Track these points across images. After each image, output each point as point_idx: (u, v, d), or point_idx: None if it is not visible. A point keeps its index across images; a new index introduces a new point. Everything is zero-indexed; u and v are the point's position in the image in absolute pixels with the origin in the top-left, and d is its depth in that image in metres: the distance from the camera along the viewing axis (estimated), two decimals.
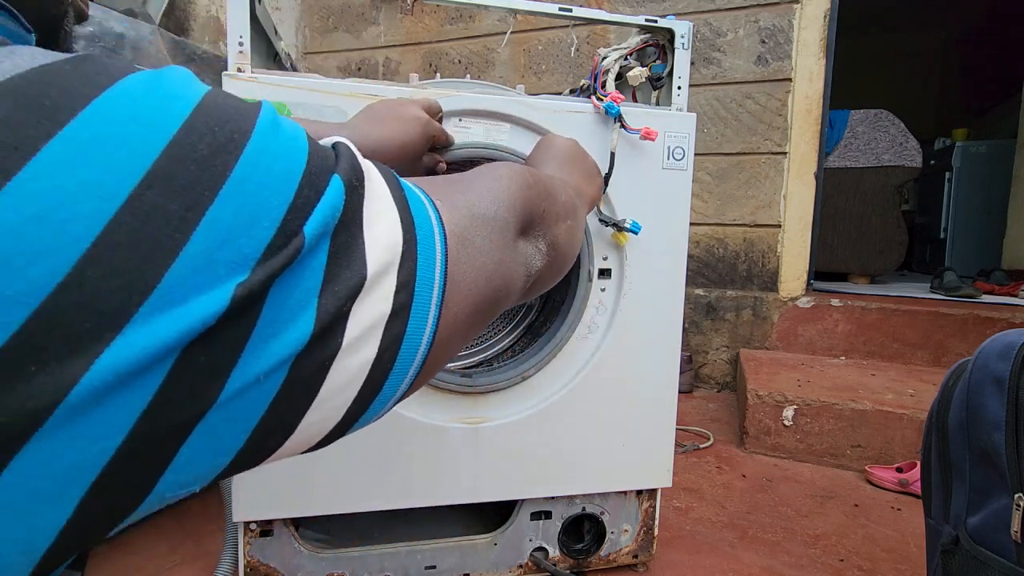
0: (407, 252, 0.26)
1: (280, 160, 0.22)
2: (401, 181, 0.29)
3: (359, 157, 0.27)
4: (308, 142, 0.24)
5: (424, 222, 0.28)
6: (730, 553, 1.11)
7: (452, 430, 0.88)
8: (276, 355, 0.21)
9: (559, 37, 2.37)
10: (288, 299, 0.21)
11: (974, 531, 0.63)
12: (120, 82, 0.19)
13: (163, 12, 1.45)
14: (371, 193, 0.26)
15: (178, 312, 0.18)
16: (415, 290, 0.26)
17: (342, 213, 0.23)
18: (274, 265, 0.20)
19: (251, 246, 0.20)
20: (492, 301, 0.33)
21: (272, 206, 0.21)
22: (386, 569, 0.91)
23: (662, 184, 0.92)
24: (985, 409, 0.63)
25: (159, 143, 0.19)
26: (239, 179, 0.20)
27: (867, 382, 1.73)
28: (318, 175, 0.23)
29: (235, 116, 0.21)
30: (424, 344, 0.28)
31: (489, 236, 0.33)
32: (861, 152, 2.57)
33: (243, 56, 0.76)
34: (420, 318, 0.27)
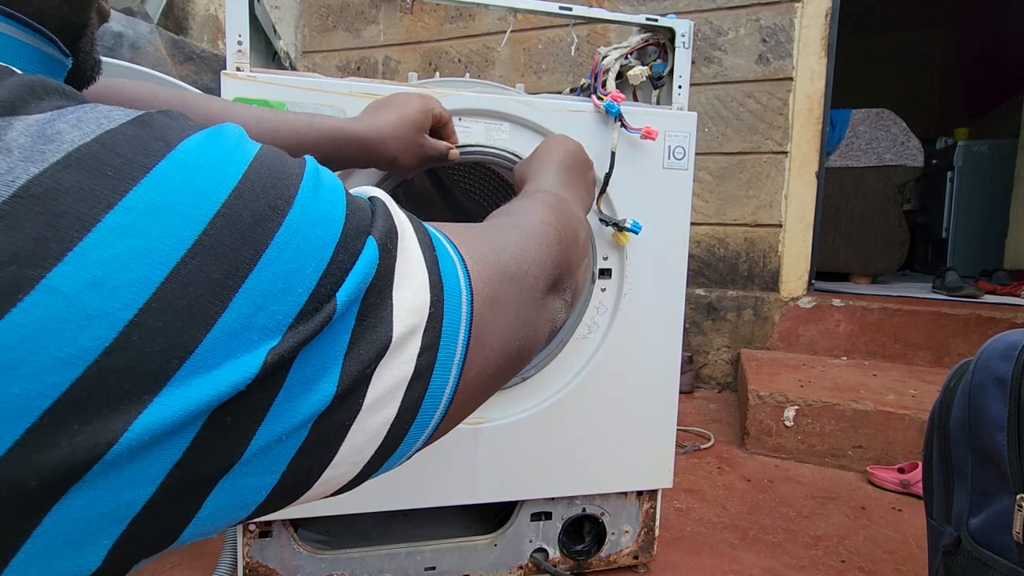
0: (433, 314, 0.26)
1: (318, 226, 0.22)
2: (433, 236, 0.29)
3: (394, 213, 0.27)
4: (346, 203, 0.24)
5: (453, 283, 0.28)
6: (731, 554, 1.11)
7: (452, 430, 0.88)
8: (299, 416, 0.22)
9: (559, 36, 2.37)
10: (314, 363, 0.22)
11: (976, 532, 0.63)
12: (176, 150, 0.20)
13: (162, 11, 1.45)
14: (403, 253, 0.26)
15: (212, 376, 0.19)
16: (439, 353, 0.27)
17: (374, 276, 0.24)
18: (305, 331, 0.21)
19: (284, 311, 0.21)
20: (515, 359, 0.33)
21: (307, 273, 0.21)
22: (385, 570, 0.91)
23: (663, 184, 0.92)
24: (987, 410, 0.62)
25: (208, 212, 0.20)
26: (278, 246, 0.21)
27: (868, 382, 1.73)
28: (354, 237, 0.23)
29: (279, 182, 0.22)
30: (443, 404, 0.28)
31: (519, 297, 0.33)
32: (862, 151, 2.57)
33: (242, 55, 0.76)
34: (441, 380, 0.27)
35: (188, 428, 0.19)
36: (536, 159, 0.59)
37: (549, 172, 0.56)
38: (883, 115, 2.55)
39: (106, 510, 0.18)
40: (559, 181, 0.55)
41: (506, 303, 0.31)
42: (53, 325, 0.17)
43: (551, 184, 0.53)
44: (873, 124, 2.56)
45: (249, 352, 0.20)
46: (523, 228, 0.37)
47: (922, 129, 2.82)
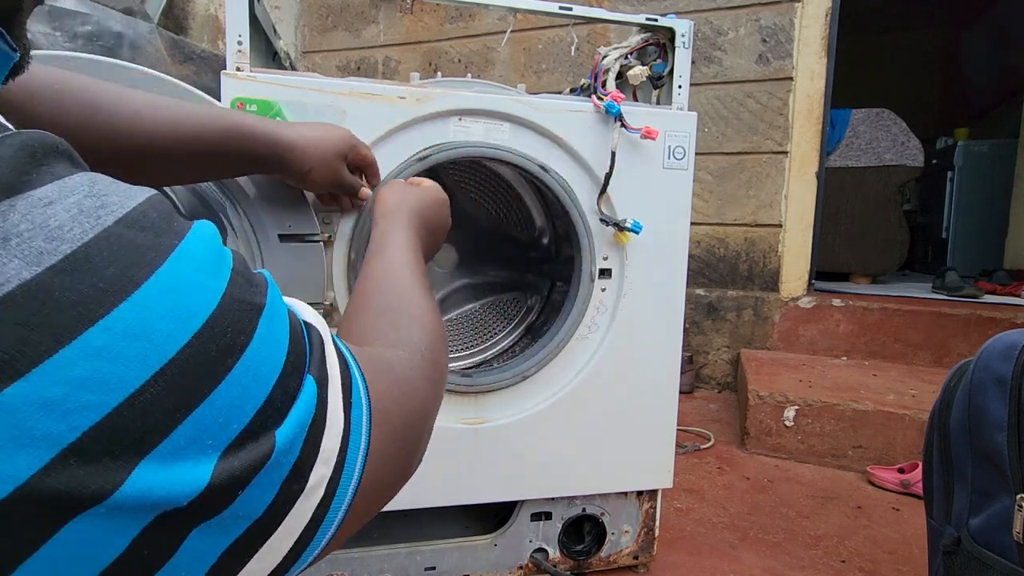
0: (338, 465, 0.28)
1: (266, 365, 0.24)
2: (353, 376, 0.30)
3: (328, 352, 0.29)
4: (289, 338, 0.26)
5: (356, 435, 0.29)
6: (731, 554, 1.11)
7: (452, 430, 0.88)
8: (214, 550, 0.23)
9: (559, 36, 2.36)
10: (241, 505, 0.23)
11: (976, 532, 0.63)
12: (164, 266, 0.21)
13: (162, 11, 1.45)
14: (333, 398, 0.28)
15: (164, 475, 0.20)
16: (330, 505, 0.28)
17: (311, 423, 0.25)
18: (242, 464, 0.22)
19: (223, 438, 0.22)
20: (387, 500, 0.35)
21: (251, 406, 0.23)
22: (386, 570, 0.91)
23: (663, 184, 0.92)
24: (987, 410, 0.62)
25: (180, 341, 0.21)
26: (230, 383, 0.22)
27: (868, 382, 1.73)
28: (291, 376, 0.25)
29: (245, 314, 0.23)
30: (321, 544, 0.29)
31: (403, 451, 0.35)
32: (862, 151, 2.57)
33: (242, 55, 0.76)
34: (324, 529, 0.28)
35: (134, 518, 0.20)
36: (397, 193, 0.61)
37: (403, 228, 0.57)
38: (883, 115, 2.55)
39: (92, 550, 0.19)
40: (413, 238, 0.56)
41: (393, 453, 0.33)
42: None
43: (407, 241, 0.54)
44: (873, 124, 2.56)
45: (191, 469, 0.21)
46: (417, 367, 0.39)
47: (922, 129, 2.82)
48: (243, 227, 0.71)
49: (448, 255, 1.17)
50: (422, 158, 0.82)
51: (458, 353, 1.16)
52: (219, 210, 0.71)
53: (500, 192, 1.16)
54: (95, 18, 0.95)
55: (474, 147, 0.84)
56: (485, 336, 1.19)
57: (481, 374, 0.92)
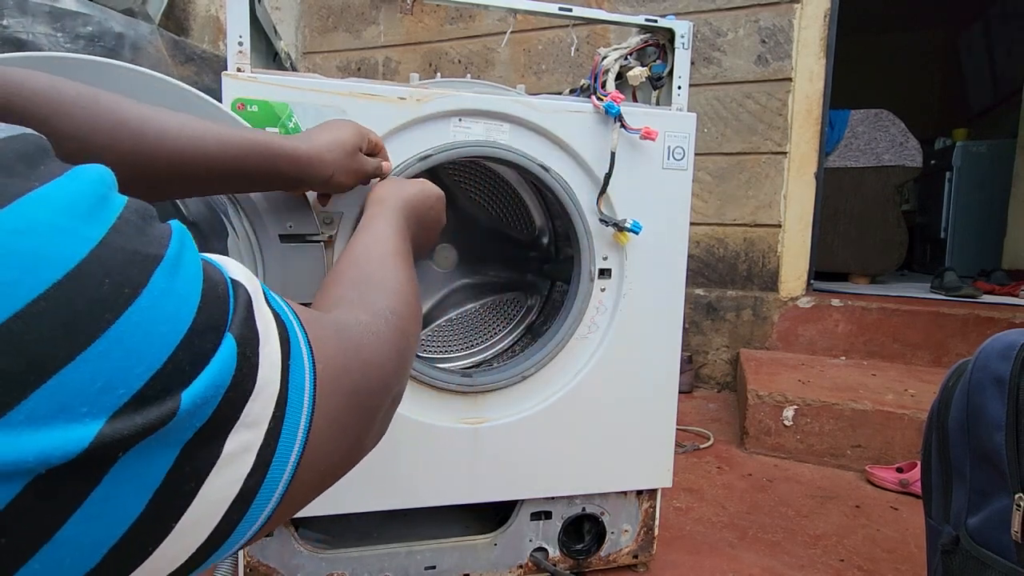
0: (271, 431, 0.25)
1: (167, 311, 0.21)
2: (291, 331, 0.28)
3: (257, 310, 0.26)
4: (204, 288, 0.23)
5: (297, 396, 0.27)
6: (730, 553, 1.11)
7: (452, 430, 0.88)
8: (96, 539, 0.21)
9: (559, 37, 2.37)
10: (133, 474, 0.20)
11: (974, 531, 0.63)
12: (10, 207, 0.18)
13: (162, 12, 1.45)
14: (264, 361, 0.25)
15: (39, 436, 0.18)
16: (266, 475, 0.26)
17: (230, 385, 0.23)
18: (135, 426, 0.20)
19: (106, 401, 0.19)
20: (339, 473, 0.33)
21: (142, 368, 0.20)
22: (386, 569, 0.91)
23: (662, 184, 0.92)
24: (985, 409, 0.63)
25: (27, 294, 0.18)
26: (109, 340, 0.19)
27: (867, 382, 1.73)
28: (204, 333, 0.22)
29: (130, 266, 0.21)
30: (259, 523, 0.27)
31: (359, 418, 0.33)
32: (861, 152, 2.57)
33: (243, 56, 0.76)
34: (261, 503, 0.26)
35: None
36: (389, 186, 0.62)
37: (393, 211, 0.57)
38: (882, 116, 2.55)
39: None
40: (402, 221, 0.57)
41: (348, 422, 0.31)
42: None
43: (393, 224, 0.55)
44: (872, 125, 2.56)
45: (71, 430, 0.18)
46: (378, 332, 0.37)
47: (921, 130, 2.83)
48: (244, 228, 0.71)
49: (448, 255, 1.17)
50: (423, 158, 0.82)
51: (458, 353, 1.17)
52: (220, 211, 0.71)
53: (500, 192, 1.16)
54: (96, 19, 0.95)
55: (474, 147, 0.84)
56: (485, 336, 1.19)
57: (481, 374, 0.92)
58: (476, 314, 1.20)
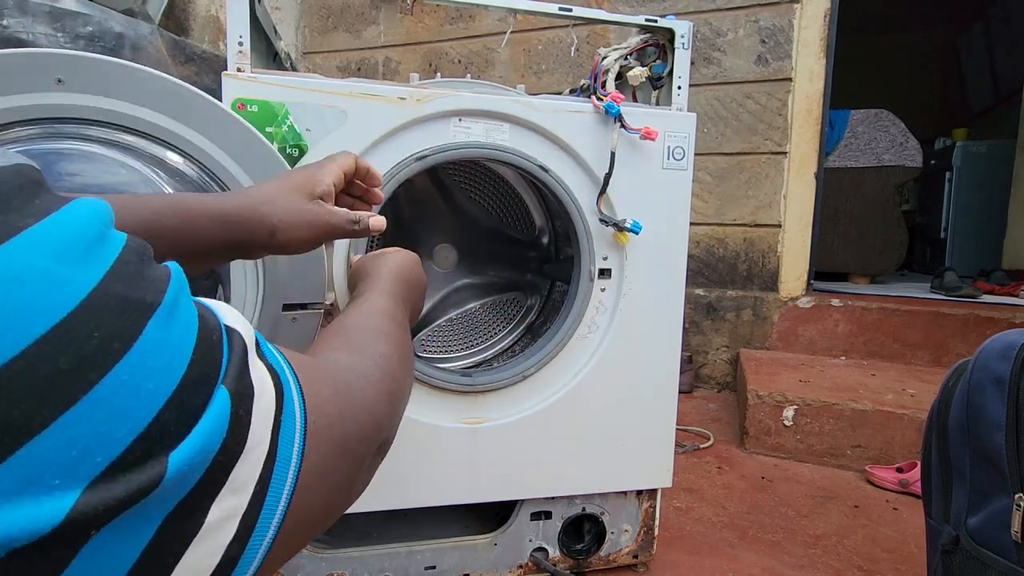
0: (257, 495, 0.24)
1: (155, 369, 0.19)
2: (285, 385, 0.26)
3: (251, 365, 0.24)
4: (197, 339, 0.21)
5: (286, 452, 0.25)
6: (730, 553, 1.11)
7: (452, 430, 0.88)
8: None
9: (559, 37, 2.37)
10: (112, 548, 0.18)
11: (974, 531, 0.63)
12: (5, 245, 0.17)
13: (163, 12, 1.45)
14: (256, 419, 0.23)
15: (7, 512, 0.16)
16: (249, 542, 0.24)
17: (219, 450, 0.21)
18: (114, 497, 0.18)
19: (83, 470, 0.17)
20: (324, 525, 0.31)
21: (123, 434, 0.18)
22: (386, 569, 0.91)
23: (662, 184, 0.92)
24: (985, 409, 0.63)
25: (8, 351, 0.16)
26: (92, 401, 0.17)
27: (867, 382, 1.73)
28: (194, 388, 0.20)
29: (123, 316, 0.19)
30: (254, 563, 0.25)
31: (348, 468, 0.31)
32: (861, 152, 2.57)
33: (243, 56, 0.76)
34: (244, 567, 0.24)
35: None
36: (373, 260, 0.59)
37: (383, 281, 0.54)
38: (882, 116, 2.55)
39: None
40: (393, 289, 0.53)
41: (335, 473, 0.30)
42: None
43: (386, 292, 0.52)
44: (872, 125, 2.56)
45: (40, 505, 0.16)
46: (369, 376, 0.35)
47: (921, 130, 2.83)
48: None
49: (448, 255, 1.17)
50: (421, 158, 0.82)
51: (458, 353, 1.17)
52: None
53: (500, 192, 1.16)
54: (96, 19, 0.95)
55: (474, 147, 0.84)
56: (485, 336, 1.19)
57: (481, 374, 0.92)
58: (476, 314, 1.20)
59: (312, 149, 0.77)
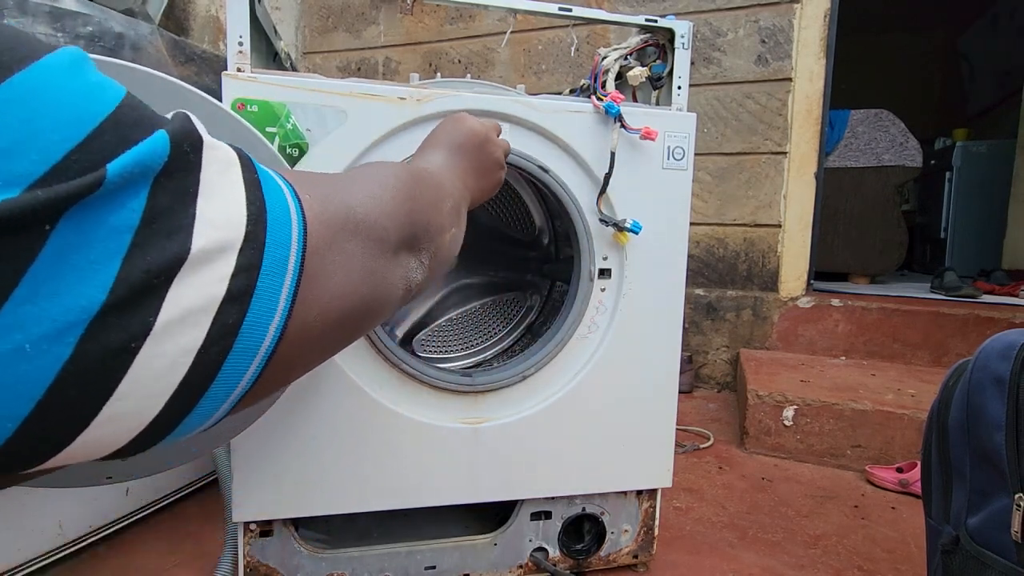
0: (252, 235, 0.23)
1: (69, 97, 0.19)
2: (258, 167, 0.26)
3: (200, 128, 0.24)
4: (125, 99, 0.21)
5: (280, 210, 0.25)
6: (730, 553, 1.11)
7: (452, 430, 0.88)
8: (53, 321, 0.18)
9: (559, 37, 2.37)
10: (77, 253, 0.18)
11: (974, 531, 0.63)
12: None
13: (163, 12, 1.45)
14: (211, 164, 0.23)
15: None
16: (259, 277, 0.24)
17: (164, 169, 0.21)
18: (58, 191, 0.18)
19: (14, 171, 0.17)
20: (363, 311, 0.31)
21: (49, 140, 0.18)
22: (386, 569, 0.91)
23: (662, 184, 0.92)
24: (985, 409, 0.63)
25: None
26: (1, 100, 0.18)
27: (867, 382, 1.73)
28: (131, 126, 0.20)
29: (16, 44, 0.19)
30: (269, 340, 0.25)
31: (364, 243, 0.31)
32: (861, 152, 2.57)
33: (243, 56, 0.76)
34: (264, 310, 0.24)
35: None
36: (431, 136, 0.55)
37: (434, 153, 0.52)
38: (882, 116, 2.55)
39: None
40: (442, 163, 0.51)
41: (350, 249, 0.29)
42: None
43: (430, 164, 0.50)
44: (872, 125, 2.56)
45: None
46: (375, 178, 0.35)
47: (921, 130, 2.83)
48: None
49: None
50: None
51: (458, 353, 1.17)
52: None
53: (500, 192, 1.16)
54: (96, 19, 0.95)
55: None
56: (485, 336, 1.19)
57: (481, 374, 0.92)
58: (476, 314, 1.20)
59: (312, 149, 0.77)
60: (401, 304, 0.37)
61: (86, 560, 1.00)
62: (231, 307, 0.23)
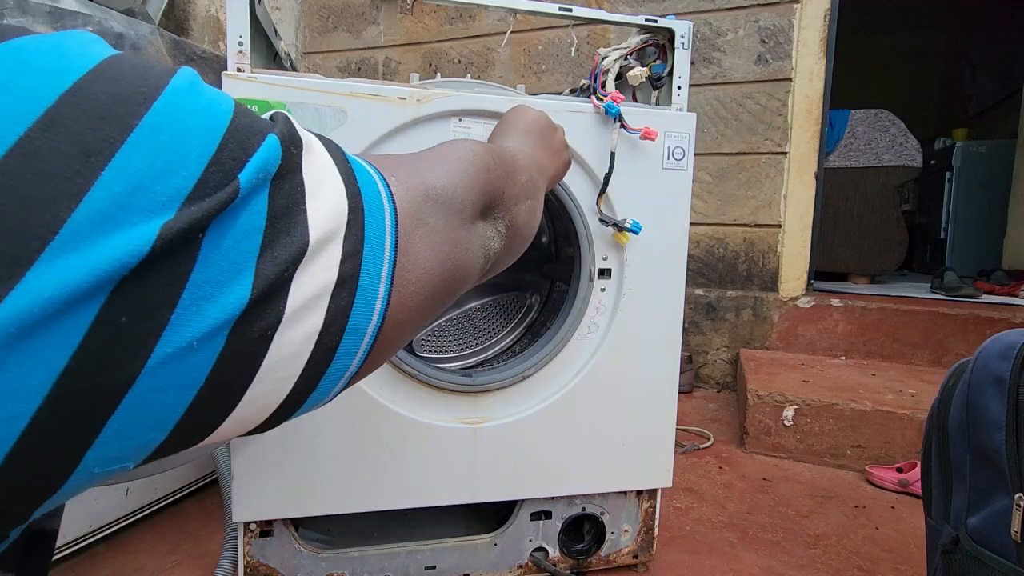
0: (353, 222, 0.25)
1: (198, 115, 0.21)
2: (346, 153, 0.29)
3: (298, 127, 0.26)
4: (235, 107, 0.23)
5: (373, 195, 0.27)
6: (730, 553, 1.11)
7: (452, 430, 0.88)
8: (212, 319, 0.20)
9: (559, 37, 2.37)
10: (224, 257, 0.21)
11: (974, 531, 0.63)
12: (16, 39, 0.18)
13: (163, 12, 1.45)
14: (312, 161, 0.25)
15: (89, 254, 0.17)
16: (363, 261, 0.26)
17: (278, 171, 0.23)
18: (205, 207, 0.20)
19: (169, 192, 0.19)
20: (449, 282, 0.32)
21: (191, 157, 0.20)
22: (386, 569, 0.91)
23: (662, 184, 0.92)
24: (985, 409, 0.63)
25: (52, 93, 0.18)
26: (149, 127, 0.19)
27: (867, 382, 1.73)
28: (247, 133, 0.22)
29: (144, 75, 0.20)
30: (375, 319, 0.27)
31: (445, 216, 0.32)
32: (861, 152, 2.57)
33: (243, 56, 0.76)
34: (369, 290, 0.26)
35: (73, 319, 0.17)
36: (498, 128, 0.58)
37: (509, 137, 0.55)
38: (882, 116, 2.55)
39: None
40: (514, 144, 0.53)
41: (432, 222, 0.31)
42: None
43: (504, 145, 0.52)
44: (872, 125, 2.56)
45: (134, 227, 0.18)
46: (449, 154, 0.36)
47: (921, 130, 2.83)
48: None
49: None
50: None
51: (458, 353, 1.17)
52: None
53: None
54: (96, 19, 0.95)
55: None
56: (485, 336, 1.19)
57: (481, 374, 0.92)
58: (476, 314, 1.20)
59: None
60: (482, 274, 0.39)
61: (86, 560, 1.00)
62: (342, 291, 0.25)
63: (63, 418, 0.18)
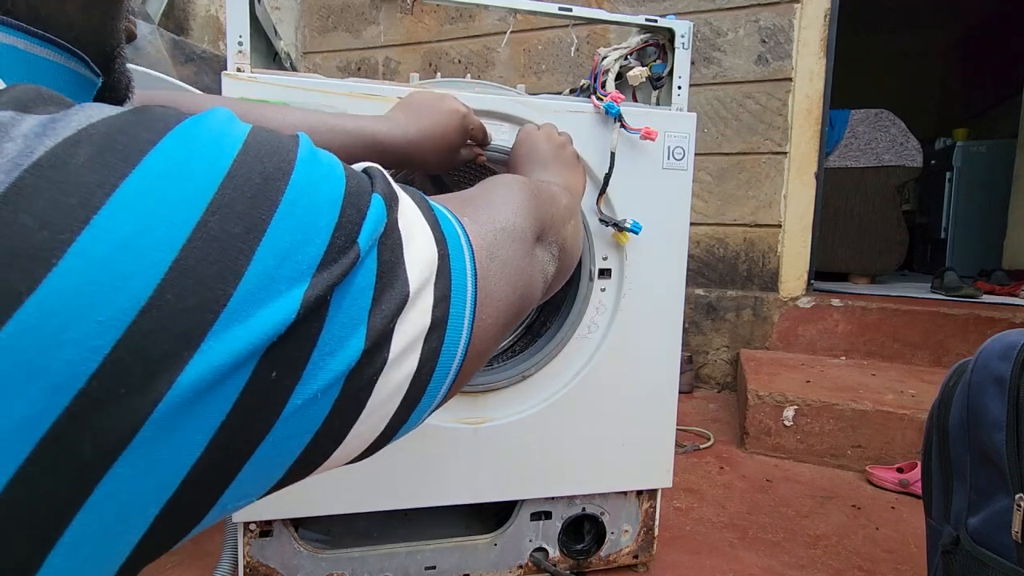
0: (442, 268, 0.28)
1: (323, 184, 0.23)
2: (431, 203, 0.30)
3: (392, 181, 0.28)
4: (344, 169, 0.25)
5: (454, 239, 0.29)
6: (730, 553, 1.11)
7: (452, 430, 0.88)
8: (333, 371, 0.23)
9: (559, 37, 2.37)
10: (345, 315, 0.23)
11: (975, 531, 0.63)
12: (176, 128, 0.20)
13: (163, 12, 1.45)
14: (404, 212, 0.27)
15: (249, 324, 0.20)
16: (451, 304, 0.28)
17: (383, 232, 0.25)
18: (332, 275, 0.22)
19: (307, 260, 0.21)
20: (517, 308, 0.35)
21: (321, 226, 0.22)
22: (386, 569, 0.91)
23: (662, 184, 0.92)
24: (986, 409, 0.63)
25: (218, 175, 0.20)
26: (290, 202, 0.21)
27: (868, 382, 1.73)
28: (358, 195, 0.24)
29: (278, 149, 0.23)
30: (459, 354, 0.29)
31: (512, 247, 0.35)
32: (861, 152, 2.57)
33: (242, 56, 0.76)
34: (455, 330, 0.28)
35: (232, 382, 0.19)
36: (515, 163, 0.63)
37: (531, 171, 0.59)
38: (882, 116, 2.55)
39: (154, 478, 0.19)
40: (543, 174, 0.58)
41: (502, 254, 0.33)
42: (90, 288, 0.17)
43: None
44: (872, 125, 2.56)
45: (282, 296, 0.20)
46: (501, 188, 0.39)
47: (921, 129, 2.83)
48: None
49: None
50: None
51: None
52: None
53: None
54: None
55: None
56: None
57: (481, 374, 0.92)
58: None
59: None
60: (542, 297, 0.41)
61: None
62: (433, 334, 0.27)
63: (211, 465, 0.20)
